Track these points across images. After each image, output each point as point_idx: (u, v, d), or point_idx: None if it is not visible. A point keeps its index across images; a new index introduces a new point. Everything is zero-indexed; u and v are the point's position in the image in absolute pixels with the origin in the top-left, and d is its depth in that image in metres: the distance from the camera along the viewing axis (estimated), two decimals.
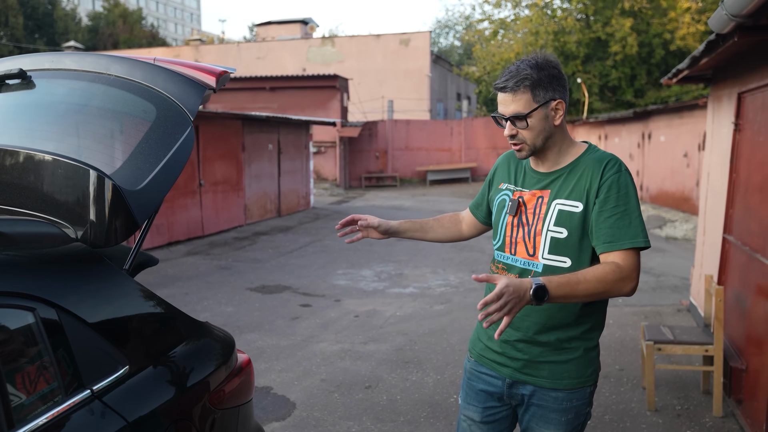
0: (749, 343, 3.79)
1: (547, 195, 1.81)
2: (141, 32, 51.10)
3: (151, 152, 1.79)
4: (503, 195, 1.93)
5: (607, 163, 1.76)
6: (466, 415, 2.00)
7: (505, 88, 1.76)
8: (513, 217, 1.85)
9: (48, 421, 1.38)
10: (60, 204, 1.78)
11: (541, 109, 1.76)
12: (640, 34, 20.37)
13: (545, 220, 1.78)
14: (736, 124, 4.51)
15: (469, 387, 1.99)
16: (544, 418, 1.85)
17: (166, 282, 7.34)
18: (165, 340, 1.80)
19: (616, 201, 1.71)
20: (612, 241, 1.69)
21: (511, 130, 1.78)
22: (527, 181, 1.88)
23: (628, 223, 1.70)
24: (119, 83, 1.97)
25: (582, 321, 1.82)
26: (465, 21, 29.88)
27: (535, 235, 1.80)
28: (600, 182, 1.73)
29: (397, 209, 15.33)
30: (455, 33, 51.17)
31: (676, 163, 13.51)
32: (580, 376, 1.83)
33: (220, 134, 11.68)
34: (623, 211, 1.71)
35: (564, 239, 1.75)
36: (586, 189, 1.75)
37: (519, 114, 1.75)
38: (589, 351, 1.84)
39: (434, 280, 7.62)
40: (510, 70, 1.77)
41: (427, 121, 25.20)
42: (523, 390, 1.87)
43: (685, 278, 7.40)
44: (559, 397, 1.83)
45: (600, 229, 1.72)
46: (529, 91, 1.74)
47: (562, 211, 1.76)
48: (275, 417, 3.81)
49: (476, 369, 1.98)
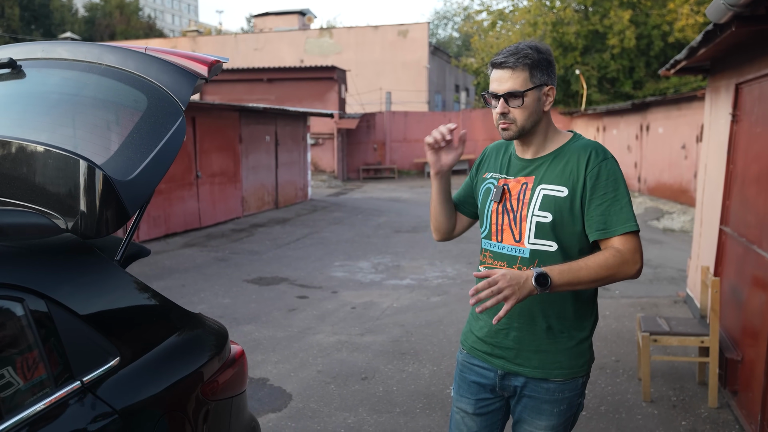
0: (745, 335, 3.79)
1: (531, 181, 1.81)
2: (138, 23, 50.87)
3: (142, 142, 1.77)
4: (488, 183, 1.92)
5: (593, 150, 1.77)
6: (458, 407, 2.00)
7: (504, 63, 1.75)
8: (498, 204, 1.85)
9: (37, 412, 1.37)
10: (50, 194, 1.76)
11: (536, 91, 1.76)
12: (639, 26, 20.29)
13: (530, 205, 1.78)
14: (733, 115, 4.50)
15: (462, 379, 1.99)
16: (537, 409, 1.85)
17: (162, 274, 7.34)
18: (157, 331, 1.80)
19: (605, 188, 1.73)
20: (605, 228, 1.71)
21: (503, 107, 1.76)
22: (512, 168, 1.88)
23: (619, 209, 1.71)
24: (111, 73, 1.95)
25: (575, 310, 1.82)
26: (463, 12, 29.73)
27: (520, 220, 1.80)
28: (587, 170, 1.74)
29: (395, 201, 15.32)
30: (453, 24, 51.03)
31: (674, 155, 13.50)
32: (572, 366, 1.83)
33: (217, 126, 11.64)
34: (613, 197, 1.72)
35: (549, 223, 1.76)
36: (572, 175, 1.75)
37: (516, 91, 1.74)
38: (581, 341, 1.84)
39: (431, 271, 7.62)
40: (509, 48, 1.77)
41: (425, 112, 25.15)
42: (516, 381, 1.87)
43: (682, 270, 7.41)
44: (551, 388, 1.83)
45: (592, 217, 1.73)
46: (528, 70, 1.74)
47: (547, 196, 1.77)
48: (271, 408, 3.81)
49: (468, 361, 1.97)
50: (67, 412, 1.42)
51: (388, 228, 11.11)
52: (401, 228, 11.06)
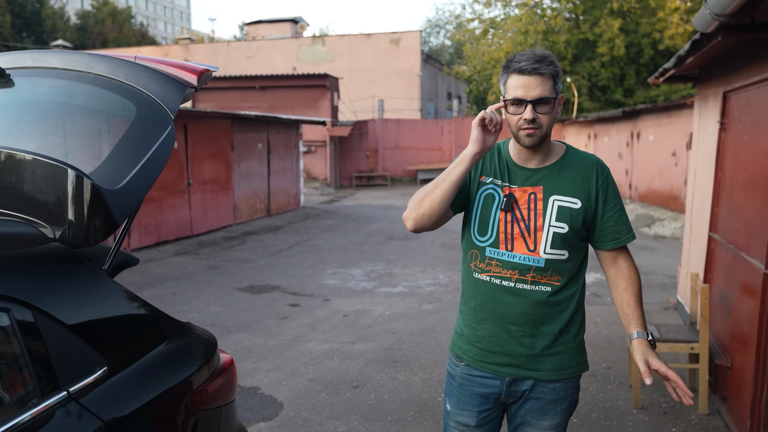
0: (734, 341, 3.81)
1: (540, 191, 1.84)
2: (130, 31, 50.78)
3: (130, 151, 1.77)
4: (489, 189, 1.89)
5: (599, 165, 1.90)
6: (458, 421, 1.96)
7: (536, 70, 1.74)
8: (506, 212, 1.85)
9: (23, 423, 1.36)
10: (38, 203, 1.75)
11: (556, 100, 1.81)
12: (629, 34, 20.44)
13: (545, 216, 1.83)
14: (721, 123, 4.54)
15: (462, 392, 1.95)
16: (542, 410, 1.89)
17: (154, 282, 7.30)
18: (145, 340, 1.79)
19: (614, 200, 1.88)
20: (618, 238, 1.87)
21: (533, 114, 1.76)
22: (514, 177, 1.88)
23: (625, 219, 1.89)
24: (100, 82, 1.95)
25: (576, 312, 1.91)
26: (455, 20, 29.91)
27: (536, 230, 1.83)
28: (598, 184, 1.86)
29: (388, 208, 15.33)
30: (446, 32, 51.22)
31: (664, 162, 13.58)
32: (578, 364, 1.92)
33: (210, 133, 11.62)
34: (620, 209, 1.89)
35: (565, 234, 1.83)
36: (584, 188, 1.85)
37: (547, 97, 1.76)
38: (582, 340, 1.94)
39: (423, 279, 7.62)
40: (534, 55, 1.76)
41: (418, 120, 25.20)
42: (524, 386, 1.90)
43: (673, 276, 7.44)
44: (557, 388, 1.89)
45: (606, 228, 1.87)
46: (553, 78, 1.78)
47: (562, 207, 1.83)
48: (262, 417, 3.79)
49: (470, 373, 1.94)
50: (52, 423, 1.41)
51: (381, 235, 11.11)
52: (393, 235, 11.07)
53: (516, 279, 1.84)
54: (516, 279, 1.84)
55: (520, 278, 1.83)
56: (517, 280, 1.84)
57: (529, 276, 1.83)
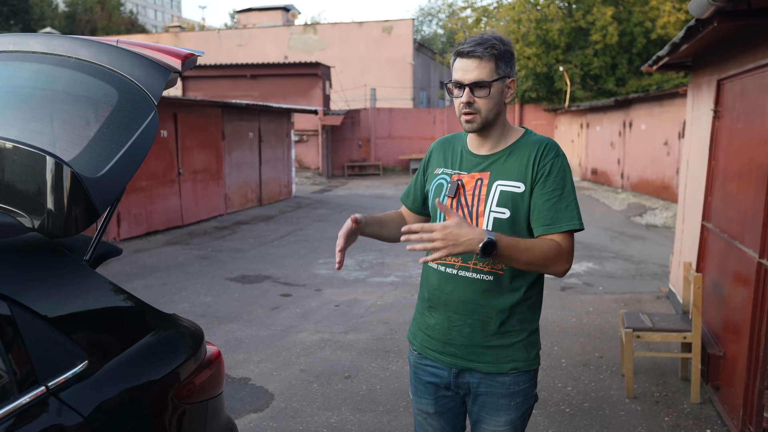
0: (727, 330, 3.80)
1: (487, 177, 1.80)
2: (120, 19, 50.27)
3: (112, 138, 1.71)
4: (440, 179, 1.90)
5: (545, 146, 1.78)
6: (419, 409, 1.97)
7: (472, 53, 1.73)
8: (452, 199, 1.83)
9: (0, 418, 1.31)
10: (15, 192, 1.70)
11: (500, 82, 1.77)
12: (622, 23, 20.39)
13: (487, 201, 1.78)
14: (715, 111, 4.51)
15: (417, 380, 1.96)
16: (494, 406, 1.83)
17: (143, 272, 7.24)
18: (128, 333, 1.74)
19: (554, 184, 1.74)
20: (551, 224, 1.72)
21: (469, 97, 1.75)
22: (465, 164, 1.86)
23: (565, 206, 1.73)
24: (81, 66, 1.88)
25: (529, 305, 1.83)
26: (448, 8, 29.74)
27: (477, 215, 1.79)
28: (539, 165, 1.75)
29: (380, 198, 15.27)
30: (438, 21, 50.94)
31: (656, 152, 13.59)
32: (525, 359, 1.83)
33: (200, 122, 11.51)
34: (560, 194, 1.74)
35: (506, 219, 1.76)
36: (525, 170, 1.76)
37: (483, 81, 1.73)
38: (532, 333, 1.85)
39: (415, 268, 7.59)
40: (474, 38, 1.75)
41: (410, 109, 25.11)
42: (470, 378, 1.85)
43: (665, 265, 7.45)
44: (507, 382, 1.82)
45: (540, 212, 1.74)
46: (494, 60, 1.73)
47: (504, 192, 1.77)
48: (253, 408, 3.76)
49: (420, 361, 1.94)
50: (29, 419, 1.36)
51: None
52: None
53: (459, 266, 1.80)
54: (459, 266, 1.80)
55: (462, 265, 1.79)
56: (460, 267, 1.79)
57: (471, 263, 1.78)
